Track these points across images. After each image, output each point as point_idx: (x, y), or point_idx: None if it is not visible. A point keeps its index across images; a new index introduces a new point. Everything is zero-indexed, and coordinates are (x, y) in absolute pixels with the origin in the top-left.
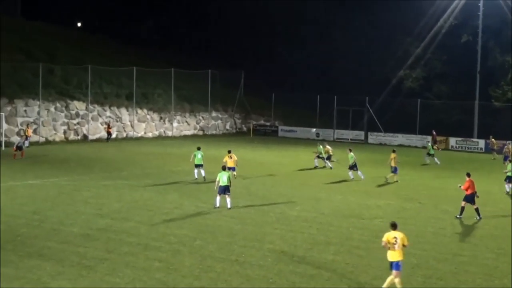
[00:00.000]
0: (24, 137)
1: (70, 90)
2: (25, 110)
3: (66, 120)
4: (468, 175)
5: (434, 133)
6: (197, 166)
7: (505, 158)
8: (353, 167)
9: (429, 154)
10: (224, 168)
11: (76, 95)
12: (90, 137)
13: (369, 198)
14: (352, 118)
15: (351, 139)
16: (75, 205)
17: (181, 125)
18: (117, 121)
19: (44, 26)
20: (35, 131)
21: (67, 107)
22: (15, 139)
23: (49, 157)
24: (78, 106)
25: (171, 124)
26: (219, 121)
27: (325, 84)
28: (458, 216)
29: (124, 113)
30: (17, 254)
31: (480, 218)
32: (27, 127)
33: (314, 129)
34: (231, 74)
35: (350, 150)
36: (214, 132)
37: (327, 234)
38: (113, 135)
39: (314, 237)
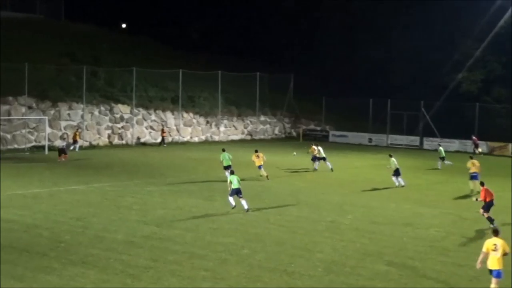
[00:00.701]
0: (72, 141)
1: (115, 93)
2: (69, 114)
3: (110, 124)
4: (482, 184)
5: (474, 137)
6: (227, 168)
7: None
8: (396, 173)
9: (440, 158)
10: (232, 172)
11: (121, 98)
12: (135, 141)
13: (423, 206)
14: (406, 123)
15: (405, 145)
16: (119, 212)
17: (228, 129)
18: (162, 125)
19: (88, 28)
20: (79, 135)
21: (111, 110)
22: (59, 143)
23: (92, 162)
24: (122, 109)
25: (218, 128)
26: (268, 126)
27: (378, 87)
28: (491, 226)
29: (169, 117)
30: (60, 262)
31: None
32: (76, 131)
33: (366, 134)
34: (280, 77)
35: (391, 156)
36: (262, 136)
37: (380, 244)
38: (159, 140)
39: (366, 247)
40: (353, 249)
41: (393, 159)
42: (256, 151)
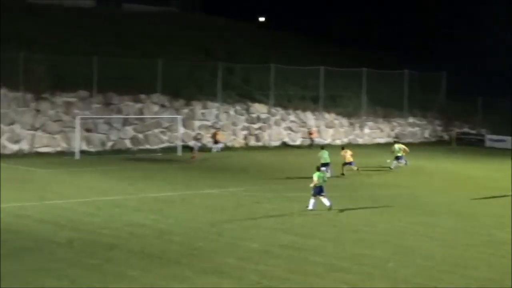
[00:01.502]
0: (213, 141)
1: (251, 91)
2: (203, 113)
3: (246, 125)
4: None
5: None
6: (324, 165)
7: None
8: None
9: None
10: (318, 169)
11: (258, 97)
12: (272, 143)
13: None
14: None
15: None
16: (255, 219)
17: (374, 131)
18: (301, 126)
19: (224, 21)
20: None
21: (247, 110)
22: (193, 143)
23: (227, 165)
24: (259, 109)
25: (362, 130)
26: (417, 128)
27: None
28: None
29: (309, 118)
30: (193, 270)
31: None
32: (217, 131)
33: None
34: (431, 75)
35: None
36: (410, 140)
37: None
38: (297, 142)
39: None
40: None
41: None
42: (343, 148)
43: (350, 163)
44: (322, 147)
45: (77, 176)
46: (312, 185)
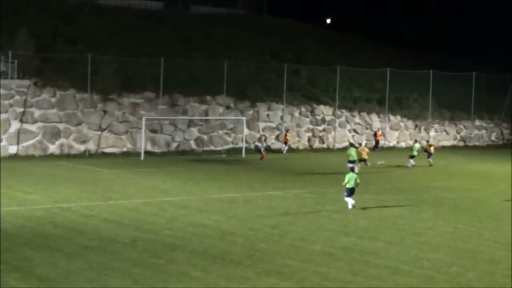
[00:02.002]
0: (283, 142)
1: (317, 93)
2: (268, 115)
3: (311, 126)
4: None
5: None
6: (351, 162)
7: None
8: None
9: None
10: (352, 170)
11: (323, 98)
12: (337, 145)
13: None
14: None
15: None
16: (318, 220)
17: (439, 134)
18: (366, 129)
19: (290, 23)
20: (277, 138)
21: (312, 112)
22: (259, 145)
23: (291, 166)
24: (324, 111)
25: (428, 133)
26: (483, 131)
27: None
28: None
29: (374, 120)
30: (255, 271)
31: None
32: (287, 132)
33: None
34: (499, 78)
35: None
36: (476, 143)
37: None
38: (363, 144)
39: None
40: None
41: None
42: (360, 144)
43: (365, 160)
44: (351, 144)
45: (142, 176)
46: (344, 184)
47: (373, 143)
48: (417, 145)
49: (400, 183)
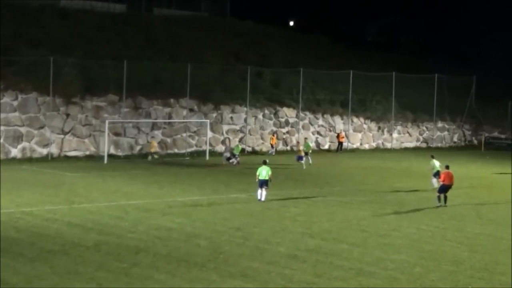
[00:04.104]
0: (271, 145)
1: (280, 95)
2: (231, 117)
3: (274, 129)
4: (447, 167)
5: None
6: (262, 183)
7: None
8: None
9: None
10: (264, 162)
11: (286, 101)
12: (301, 147)
13: None
14: None
15: None
16: (282, 223)
17: (402, 136)
18: (330, 131)
19: (254, 25)
20: (240, 140)
21: (276, 114)
22: (220, 148)
23: (255, 169)
24: (288, 113)
25: (391, 135)
26: (446, 133)
27: None
28: (438, 205)
29: (338, 122)
30: (219, 274)
31: (446, 205)
32: (272, 135)
33: None
34: (461, 80)
35: (433, 157)
36: (439, 144)
37: None
38: (326, 146)
39: None
40: None
41: (434, 160)
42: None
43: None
44: (265, 161)
45: (105, 180)
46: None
47: (337, 145)
48: (436, 162)
49: (364, 185)
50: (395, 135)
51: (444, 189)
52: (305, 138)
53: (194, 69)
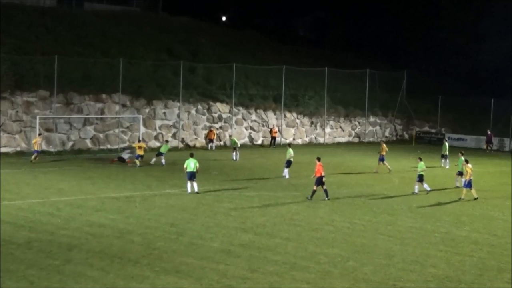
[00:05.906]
0: (208, 140)
1: (213, 91)
2: (164, 113)
3: (208, 124)
4: (318, 159)
5: (489, 133)
6: (190, 175)
7: None
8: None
9: (443, 156)
10: (191, 155)
11: (219, 96)
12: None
13: None
14: None
15: None
16: (215, 218)
17: (335, 131)
18: (263, 126)
19: (186, 21)
20: (174, 136)
21: (209, 109)
22: (153, 143)
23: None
24: (221, 108)
25: (324, 129)
26: (377, 127)
27: (501, 87)
28: (308, 198)
29: (271, 117)
30: (153, 270)
31: (328, 199)
32: (210, 130)
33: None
34: (392, 75)
35: (420, 159)
36: (371, 139)
37: (500, 259)
38: (259, 141)
39: (485, 262)
40: (470, 264)
41: (422, 163)
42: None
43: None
44: (191, 154)
45: (37, 176)
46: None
47: (270, 140)
48: (463, 159)
49: (297, 180)
50: (327, 130)
51: (319, 181)
52: (230, 136)
53: (125, 65)
